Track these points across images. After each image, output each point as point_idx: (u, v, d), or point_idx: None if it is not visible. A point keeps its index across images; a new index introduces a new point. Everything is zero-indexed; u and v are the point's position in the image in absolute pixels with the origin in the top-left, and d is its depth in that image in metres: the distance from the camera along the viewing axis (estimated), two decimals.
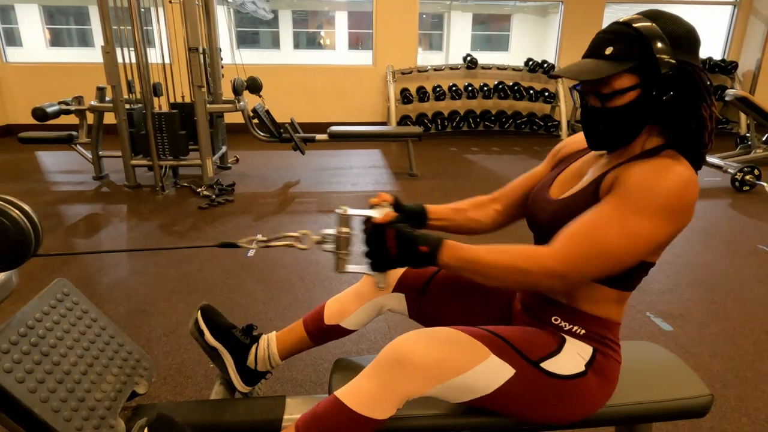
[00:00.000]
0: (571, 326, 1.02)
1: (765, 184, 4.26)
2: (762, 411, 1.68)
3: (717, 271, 2.74)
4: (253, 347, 1.29)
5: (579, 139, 1.16)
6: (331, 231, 1.06)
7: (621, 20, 0.91)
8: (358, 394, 0.94)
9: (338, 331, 1.27)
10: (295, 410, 1.15)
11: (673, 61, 0.86)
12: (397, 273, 1.26)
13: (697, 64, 0.89)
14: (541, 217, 1.05)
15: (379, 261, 0.97)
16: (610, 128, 0.94)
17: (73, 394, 1.00)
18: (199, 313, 1.29)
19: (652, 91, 0.88)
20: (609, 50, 0.89)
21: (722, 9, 7.26)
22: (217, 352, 1.28)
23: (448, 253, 0.91)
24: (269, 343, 1.29)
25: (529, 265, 0.88)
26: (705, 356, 1.98)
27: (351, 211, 1.04)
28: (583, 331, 1.01)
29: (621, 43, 0.88)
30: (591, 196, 0.95)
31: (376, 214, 0.99)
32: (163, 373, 1.83)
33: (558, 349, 1.00)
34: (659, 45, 0.86)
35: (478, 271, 0.91)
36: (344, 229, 1.03)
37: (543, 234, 1.04)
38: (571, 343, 1.02)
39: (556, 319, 1.03)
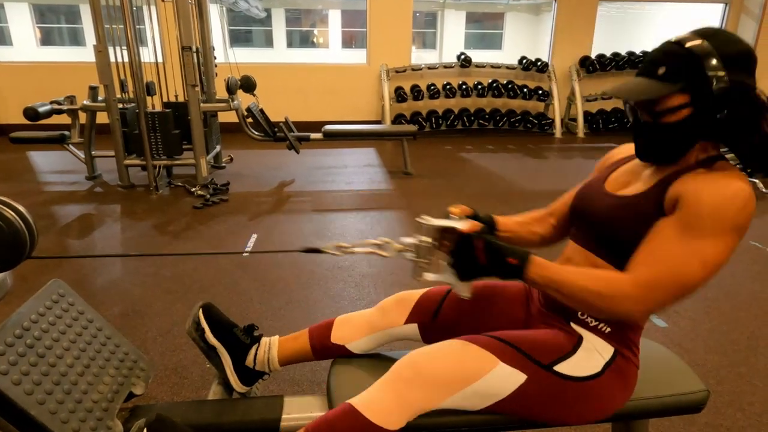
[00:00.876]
0: (598, 322, 1.02)
1: (757, 180, 4.29)
2: (756, 405, 1.70)
3: None
4: (254, 347, 1.28)
5: (626, 149, 1.17)
6: (411, 240, 1.07)
7: (674, 39, 0.92)
8: (373, 405, 0.96)
9: (342, 352, 1.26)
10: (292, 410, 1.15)
11: (726, 80, 0.86)
12: (409, 306, 1.24)
13: (752, 83, 0.89)
14: (597, 209, 1.05)
15: (467, 270, 0.98)
16: (661, 143, 0.95)
17: (70, 396, 0.99)
18: (200, 310, 1.28)
19: (705, 108, 0.89)
20: (662, 70, 0.90)
21: (714, 7, 7.31)
22: (216, 351, 1.27)
23: (535, 270, 0.93)
24: (271, 346, 1.28)
25: (611, 291, 0.89)
26: (699, 352, 2.00)
27: (433, 221, 1.04)
28: (608, 329, 1.01)
29: (673, 62, 0.89)
30: (654, 202, 0.95)
31: (459, 224, 1.00)
32: (159, 374, 1.82)
33: (573, 351, 1.01)
34: (712, 63, 0.86)
35: (560, 292, 0.93)
36: (425, 238, 1.05)
37: (594, 227, 1.04)
38: (590, 341, 1.02)
39: (582, 314, 1.03)
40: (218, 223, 3.40)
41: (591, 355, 1.00)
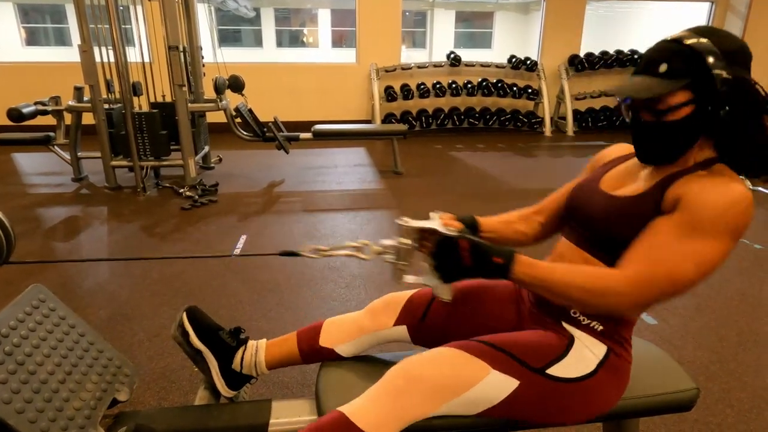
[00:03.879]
0: (590, 321, 1.01)
1: (746, 179, 4.32)
2: (745, 402, 1.70)
3: None
4: (240, 350, 1.26)
5: (619, 149, 1.16)
6: (391, 242, 1.05)
7: (670, 38, 0.92)
8: (366, 414, 0.93)
9: (330, 355, 1.24)
10: (281, 414, 1.13)
11: (729, 77, 0.86)
12: (397, 308, 1.23)
13: (750, 78, 0.89)
14: (593, 209, 1.03)
15: (450, 272, 0.96)
16: (663, 143, 0.94)
17: (51, 404, 0.96)
18: (184, 314, 1.25)
19: (708, 105, 0.88)
20: (663, 67, 0.89)
21: (700, 6, 7.37)
22: (201, 355, 1.25)
23: (521, 269, 0.91)
24: (258, 349, 1.26)
25: (600, 287, 0.88)
26: (689, 349, 2.00)
27: (413, 223, 1.02)
28: (601, 327, 1.01)
29: (674, 60, 0.89)
30: (652, 203, 0.94)
31: (439, 225, 0.98)
32: (146, 378, 1.79)
33: (565, 352, 1.00)
34: (713, 60, 0.86)
35: (548, 289, 0.92)
36: (405, 241, 1.03)
37: (590, 226, 1.03)
38: (582, 341, 1.01)
39: (575, 313, 1.02)
40: (207, 225, 3.36)
41: (583, 355, 1.00)
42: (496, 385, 0.96)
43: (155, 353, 1.94)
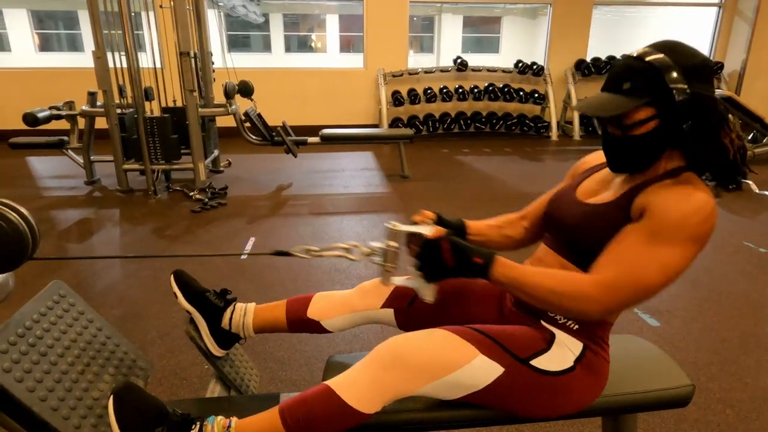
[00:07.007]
0: (566, 320, 1.05)
1: (750, 182, 4.33)
2: (745, 402, 1.72)
3: (703, 268, 2.79)
4: (228, 310, 1.29)
5: (597, 157, 1.20)
6: (379, 244, 1.10)
7: (634, 54, 0.96)
8: (350, 387, 0.97)
9: (316, 328, 1.29)
10: None
11: (688, 91, 0.90)
12: (388, 290, 1.27)
13: (711, 92, 0.93)
14: (566, 217, 1.09)
15: (434, 272, 1.01)
16: (631, 155, 0.99)
17: (71, 393, 1.02)
18: (172, 277, 1.30)
19: (670, 120, 0.93)
20: (626, 85, 0.93)
21: (708, 11, 7.37)
22: (191, 316, 1.29)
23: (499, 270, 0.96)
24: (246, 312, 1.30)
25: (572, 292, 0.93)
26: (690, 350, 2.03)
27: (401, 227, 1.08)
28: (576, 326, 1.05)
29: (636, 77, 0.93)
30: (622, 211, 0.98)
31: (426, 230, 1.04)
32: (158, 375, 1.85)
33: (548, 347, 1.04)
34: (673, 76, 0.90)
35: (524, 291, 0.97)
36: (393, 243, 1.08)
37: (565, 233, 1.08)
38: (561, 338, 1.05)
39: (551, 312, 1.06)
40: (216, 227, 3.42)
41: (563, 351, 1.04)
42: (482, 370, 0.99)
43: (166, 351, 2.00)
